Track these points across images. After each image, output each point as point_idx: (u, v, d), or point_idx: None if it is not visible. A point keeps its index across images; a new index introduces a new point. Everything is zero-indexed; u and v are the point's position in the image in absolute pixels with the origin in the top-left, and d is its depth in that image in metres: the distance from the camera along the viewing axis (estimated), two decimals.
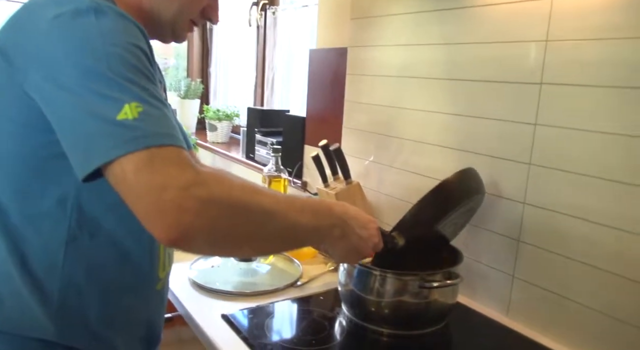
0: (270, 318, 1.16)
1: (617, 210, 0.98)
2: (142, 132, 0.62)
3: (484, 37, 1.21)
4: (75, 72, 0.63)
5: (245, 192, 0.68)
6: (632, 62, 0.94)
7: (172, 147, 0.63)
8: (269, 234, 0.73)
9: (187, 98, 3.17)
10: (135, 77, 0.65)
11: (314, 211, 0.79)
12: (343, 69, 1.68)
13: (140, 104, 0.63)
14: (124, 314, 0.85)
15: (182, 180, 0.61)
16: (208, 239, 0.65)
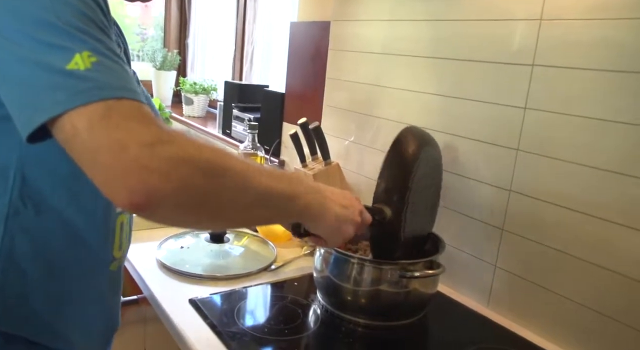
0: (241, 304, 1.10)
1: (605, 201, 0.93)
2: (95, 83, 0.53)
3: (473, 13, 1.14)
4: (18, 21, 0.55)
5: (216, 153, 0.59)
6: (630, 45, 0.88)
7: (132, 101, 0.55)
8: (244, 200, 0.63)
9: (163, 69, 3.05)
10: (88, 28, 0.57)
11: (288, 178, 0.72)
12: (325, 44, 1.61)
13: (94, 54, 0.55)
14: (73, 298, 0.78)
15: (146, 136, 0.52)
16: (177, 204, 0.56)
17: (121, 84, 0.56)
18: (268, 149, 1.87)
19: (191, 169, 0.55)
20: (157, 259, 1.25)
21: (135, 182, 0.52)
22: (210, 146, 0.60)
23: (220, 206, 0.61)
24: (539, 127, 1.04)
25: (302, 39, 1.76)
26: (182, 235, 1.39)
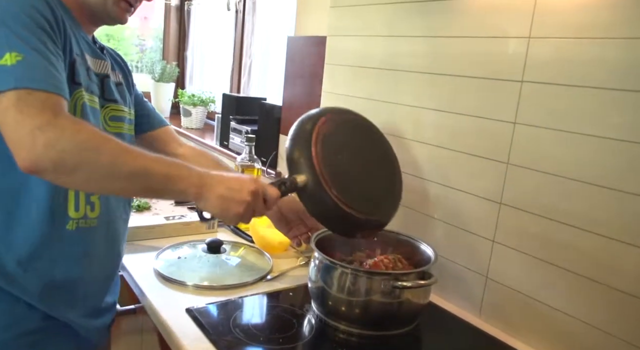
0: (237, 313, 1.12)
1: (592, 214, 0.96)
2: (13, 76, 0.75)
3: (467, 31, 1.18)
4: None
5: (96, 138, 0.79)
6: (615, 64, 0.92)
7: (41, 92, 0.76)
8: (116, 175, 0.81)
9: (162, 81, 3.08)
10: (24, 32, 0.79)
11: (170, 163, 0.87)
12: (321, 58, 1.64)
13: (21, 54, 0.77)
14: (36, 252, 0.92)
15: (38, 120, 0.74)
16: (56, 170, 0.76)
17: (37, 77, 0.77)
18: (265, 161, 1.90)
19: (67, 146, 0.75)
20: (155, 269, 1.27)
21: (25, 153, 0.74)
22: (95, 132, 0.80)
23: (94, 176, 0.80)
24: (528, 141, 1.07)
25: (298, 53, 1.79)
26: (179, 246, 1.41)
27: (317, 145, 1.04)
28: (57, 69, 0.82)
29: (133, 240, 1.43)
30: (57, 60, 0.83)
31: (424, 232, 1.29)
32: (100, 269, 1.06)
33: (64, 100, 0.80)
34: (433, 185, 1.27)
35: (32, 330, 0.94)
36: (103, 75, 1.05)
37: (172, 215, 1.57)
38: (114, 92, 1.07)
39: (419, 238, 1.21)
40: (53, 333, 0.97)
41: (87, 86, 0.96)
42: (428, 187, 1.29)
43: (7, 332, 0.91)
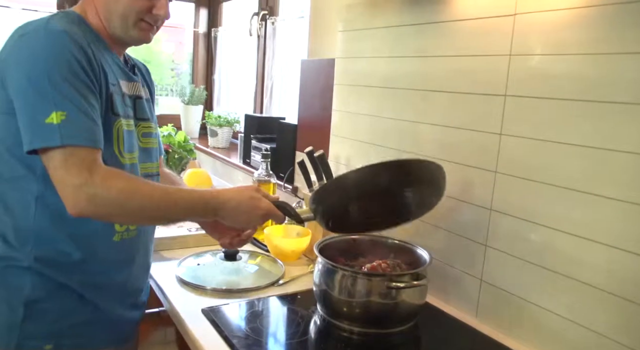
0: (249, 313, 1.22)
1: (576, 218, 1.03)
2: (59, 134, 0.91)
3: (455, 50, 1.28)
4: (27, 80, 0.94)
5: (123, 193, 0.95)
6: (588, 77, 1.00)
7: (81, 149, 0.93)
8: (143, 219, 1.05)
9: (191, 104, 3.25)
10: (69, 89, 0.94)
11: (189, 203, 1.04)
12: (331, 79, 1.75)
13: (65, 112, 0.92)
14: (87, 257, 1.06)
15: (78, 180, 0.92)
16: (96, 217, 0.97)
17: (78, 135, 0.93)
18: (283, 176, 2.01)
19: (101, 202, 0.94)
20: (177, 276, 1.39)
21: (71, 206, 0.93)
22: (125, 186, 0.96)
23: (126, 219, 1.05)
24: (513, 151, 1.15)
25: (311, 74, 1.91)
26: (200, 255, 1.53)
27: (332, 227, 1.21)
28: (95, 121, 0.97)
29: (158, 250, 1.56)
30: (96, 112, 0.98)
31: (426, 239, 1.37)
32: (139, 270, 1.20)
33: (99, 151, 0.96)
34: None
35: (83, 321, 1.09)
36: (135, 96, 1.17)
37: (195, 226, 1.69)
38: (145, 111, 1.20)
39: (416, 244, 1.29)
40: (98, 324, 1.11)
41: (124, 113, 1.09)
42: None
43: (62, 321, 1.06)
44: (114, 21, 1.08)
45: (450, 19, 1.29)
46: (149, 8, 1.08)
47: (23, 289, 1.03)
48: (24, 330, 1.03)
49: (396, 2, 1.46)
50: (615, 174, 0.96)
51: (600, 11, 0.97)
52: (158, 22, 1.13)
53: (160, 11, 1.10)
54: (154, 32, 1.14)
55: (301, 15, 2.38)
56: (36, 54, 0.95)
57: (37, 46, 0.96)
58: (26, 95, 0.94)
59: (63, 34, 0.97)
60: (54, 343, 1.05)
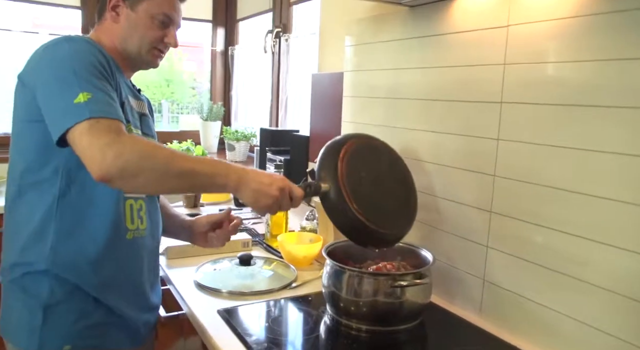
0: (262, 314, 1.29)
1: (572, 218, 1.08)
2: (87, 109, 0.98)
3: (453, 61, 1.34)
4: (53, 77, 1.04)
5: (151, 148, 1.00)
6: (576, 83, 1.05)
7: (106, 119, 0.99)
8: (170, 175, 1.01)
9: (210, 120, 3.36)
10: (90, 77, 1.03)
11: (212, 163, 1.06)
12: (340, 91, 1.83)
13: (90, 93, 1.00)
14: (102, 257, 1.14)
15: (106, 139, 0.96)
16: (122, 177, 0.96)
17: (103, 109, 1.00)
18: None
19: (129, 157, 0.96)
20: (195, 280, 1.46)
21: (97, 166, 0.95)
22: (152, 144, 1.01)
23: (152, 178, 1.00)
24: (510, 155, 1.20)
25: (321, 88, 1.99)
26: (217, 261, 1.61)
27: (342, 162, 1.19)
28: (117, 103, 1.06)
29: (178, 257, 1.64)
30: (115, 98, 1.07)
31: (430, 241, 1.42)
32: (148, 271, 1.27)
33: (123, 124, 1.03)
34: (434, 199, 1.42)
35: (98, 322, 1.16)
36: (141, 113, 1.27)
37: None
38: (150, 128, 1.30)
39: (421, 246, 1.35)
40: (114, 325, 1.19)
41: (133, 123, 1.19)
42: (429, 201, 1.44)
43: (79, 323, 1.13)
44: (129, 46, 1.22)
45: (449, 32, 1.36)
46: (161, 37, 1.23)
47: (41, 294, 1.11)
48: (43, 333, 1.10)
49: (399, 17, 1.54)
50: (604, 175, 1.01)
51: (584, 22, 1.03)
52: (167, 49, 1.28)
53: (171, 40, 1.25)
54: (162, 58, 1.29)
55: (313, 31, 2.47)
56: (61, 56, 1.05)
57: (61, 51, 1.06)
58: (53, 88, 1.03)
59: (83, 41, 1.10)
60: (72, 344, 1.12)
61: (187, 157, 1.04)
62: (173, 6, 1.24)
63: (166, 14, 1.22)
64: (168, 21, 1.23)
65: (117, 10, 1.21)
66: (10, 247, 1.16)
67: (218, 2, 3.58)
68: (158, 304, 1.34)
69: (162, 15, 1.22)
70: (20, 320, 1.13)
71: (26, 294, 1.12)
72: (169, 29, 1.24)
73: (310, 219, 1.86)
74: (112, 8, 1.21)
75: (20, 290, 1.13)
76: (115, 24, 1.22)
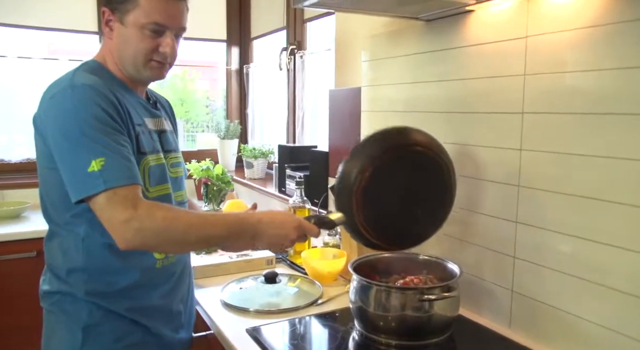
0: (290, 332, 1.29)
1: (597, 225, 1.07)
2: (102, 179, 1.00)
3: (473, 73, 1.35)
4: (62, 137, 1.04)
5: (168, 222, 1.02)
6: (597, 91, 1.05)
7: (122, 188, 1.01)
8: (187, 244, 1.09)
9: (227, 138, 3.39)
10: (99, 136, 1.03)
11: (227, 225, 1.10)
12: (358, 106, 1.84)
13: (102, 158, 1.01)
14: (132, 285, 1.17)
15: (124, 215, 1.00)
16: (143, 248, 1.05)
17: (118, 175, 1.01)
18: (317, 202, 2.09)
19: (148, 233, 1.01)
20: (221, 300, 1.47)
21: (120, 239, 1.01)
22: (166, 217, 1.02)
23: (172, 247, 1.10)
24: (533, 165, 1.20)
25: (339, 103, 2.01)
26: (243, 280, 1.62)
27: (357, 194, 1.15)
28: (130, 159, 1.06)
29: (202, 277, 1.65)
30: (128, 150, 1.07)
31: (456, 254, 1.42)
32: (181, 292, 1.30)
33: (138, 187, 1.04)
34: (461, 212, 1.41)
35: (136, 342, 1.19)
36: (160, 130, 1.27)
37: (235, 254, 1.77)
38: (170, 143, 1.30)
39: (447, 259, 1.35)
40: (152, 344, 1.21)
41: (151, 149, 1.19)
42: (454, 213, 1.42)
43: (118, 343, 1.17)
44: (126, 64, 1.17)
45: (466, 44, 1.37)
46: (155, 47, 1.15)
47: (80, 316, 1.14)
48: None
49: (415, 31, 1.55)
50: (629, 182, 1.00)
51: (602, 31, 1.03)
52: (167, 59, 1.18)
53: (166, 49, 1.16)
54: (167, 68, 1.21)
55: (328, 47, 2.49)
56: (66, 111, 1.05)
57: (66, 104, 1.05)
58: (65, 150, 1.04)
59: (87, 88, 1.07)
60: None
61: (203, 223, 1.07)
62: (164, 12, 1.13)
63: (157, 22, 1.13)
64: (160, 29, 1.14)
65: (110, 25, 1.16)
66: (49, 276, 1.21)
67: (232, 22, 3.63)
68: (192, 321, 1.36)
69: (152, 24, 1.12)
70: (62, 342, 1.16)
71: (66, 316, 1.16)
72: (162, 37, 1.15)
73: (332, 235, 1.86)
74: (106, 23, 1.16)
75: (60, 313, 1.17)
76: (110, 41, 1.17)
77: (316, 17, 2.66)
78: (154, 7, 1.12)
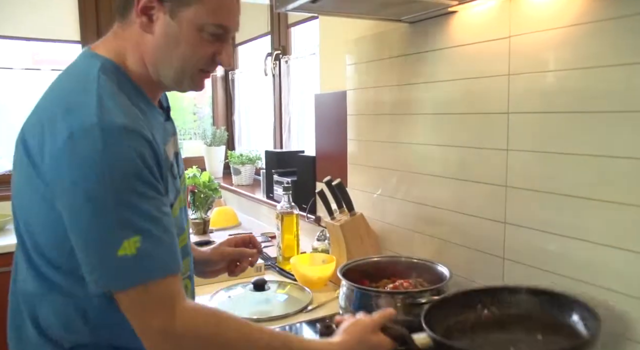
0: None
1: (587, 225, 1.07)
2: (136, 270, 0.76)
3: (457, 74, 1.34)
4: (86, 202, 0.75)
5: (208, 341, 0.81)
6: (582, 90, 1.05)
7: (159, 283, 0.78)
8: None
9: (213, 145, 3.37)
10: (140, 203, 0.77)
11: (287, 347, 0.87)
12: (344, 110, 1.83)
13: (139, 237, 0.76)
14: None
15: (159, 323, 0.78)
16: None
17: (156, 264, 0.78)
18: (305, 207, 2.08)
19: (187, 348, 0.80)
20: None
21: (150, 346, 0.79)
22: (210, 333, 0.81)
23: None
24: (520, 165, 1.20)
25: (325, 107, 2.00)
26: (231, 288, 1.59)
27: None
28: (172, 232, 0.81)
29: None
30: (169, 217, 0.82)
31: (445, 256, 1.41)
32: None
33: (178, 277, 0.81)
34: (449, 213, 1.41)
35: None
36: (175, 153, 1.02)
37: None
38: (181, 166, 1.07)
39: (437, 261, 1.34)
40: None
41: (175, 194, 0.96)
42: (442, 215, 1.43)
43: None
44: (164, 69, 0.90)
45: (450, 46, 1.36)
46: (212, 55, 0.91)
47: None
48: None
49: (399, 33, 1.54)
50: (617, 180, 1.00)
51: (584, 29, 1.03)
52: (211, 67, 0.94)
53: (225, 58, 0.92)
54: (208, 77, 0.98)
55: (313, 52, 2.49)
56: (95, 165, 0.75)
57: (94, 154, 0.75)
58: (88, 220, 0.75)
59: (122, 131, 0.77)
60: None
61: (256, 342, 0.85)
62: (231, 12, 0.91)
63: (222, 24, 0.89)
64: (223, 34, 0.90)
65: (151, 14, 0.86)
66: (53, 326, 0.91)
67: None
68: None
69: (216, 27, 0.88)
70: None
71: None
72: (222, 43, 0.91)
73: (321, 240, 1.85)
74: (143, 10, 0.86)
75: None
76: (147, 35, 0.88)
77: (300, 21, 2.66)
78: (222, 5, 0.89)
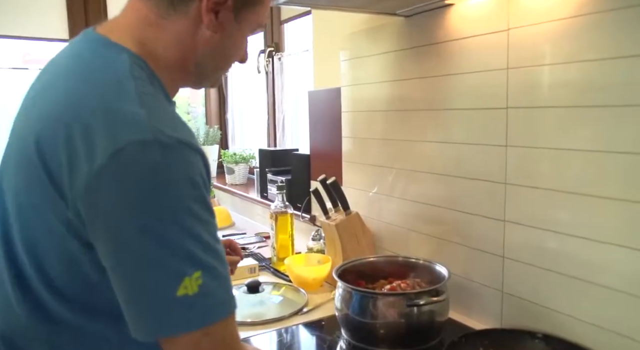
0: (275, 344, 1.24)
1: (586, 221, 1.04)
2: (198, 312, 0.64)
3: (454, 68, 1.31)
4: (140, 235, 0.62)
5: None
6: (581, 83, 1.02)
7: (220, 325, 0.67)
8: None
9: (207, 144, 3.33)
10: (200, 232, 0.65)
11: None
12: (338, 107, 1.80)
13: (199, 272, 0.64)
14: None
15: None
16: None
17: (218, 303, 0.66)
18: (300, 206, 2.04)
19: None
20: None
21: None
22: None
23: None
24: (520, 161, 1.16)
25: (319, 104, 1.96)
26: None
27: None
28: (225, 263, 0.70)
29: None
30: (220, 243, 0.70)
31: (443, 255, 1.38)
32: None
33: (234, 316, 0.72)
34: (446, 212, 1.37)
35: None
36: None
37: None
38: None
39: (434, 261, 1.30)
40: None
41: None
42: (440, 213, 1.39)
43: None
44: (209, 67, 0.85)
45: (447, 39, 1.33)
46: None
47: None
48: None
49: (394, 27, 1.51)
50: (618, 175, 0.97)
51: (585, 21, 1.00)
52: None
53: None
54: None
55: (306, 48, 2.45)
56: (151, 187, 0.62)
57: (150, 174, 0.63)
58: (140, 258, 0.63)
59: (184, 148, 0.66)
60: None
61: None
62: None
63: (263, 24, 0.89)
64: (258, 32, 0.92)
65: (220, 15, 0.79)
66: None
67: None
68: None
69: (260, 27, 0.88)
70: None
71: None
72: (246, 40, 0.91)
73: (316, 239, 1.81)
74: (213, 9, 0.78)
75: None
76: (204, 32, 0.79)
77: (293, 17, 2.62)
78: (268, 6, 0.89)
